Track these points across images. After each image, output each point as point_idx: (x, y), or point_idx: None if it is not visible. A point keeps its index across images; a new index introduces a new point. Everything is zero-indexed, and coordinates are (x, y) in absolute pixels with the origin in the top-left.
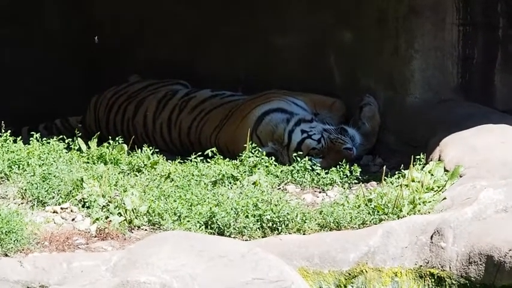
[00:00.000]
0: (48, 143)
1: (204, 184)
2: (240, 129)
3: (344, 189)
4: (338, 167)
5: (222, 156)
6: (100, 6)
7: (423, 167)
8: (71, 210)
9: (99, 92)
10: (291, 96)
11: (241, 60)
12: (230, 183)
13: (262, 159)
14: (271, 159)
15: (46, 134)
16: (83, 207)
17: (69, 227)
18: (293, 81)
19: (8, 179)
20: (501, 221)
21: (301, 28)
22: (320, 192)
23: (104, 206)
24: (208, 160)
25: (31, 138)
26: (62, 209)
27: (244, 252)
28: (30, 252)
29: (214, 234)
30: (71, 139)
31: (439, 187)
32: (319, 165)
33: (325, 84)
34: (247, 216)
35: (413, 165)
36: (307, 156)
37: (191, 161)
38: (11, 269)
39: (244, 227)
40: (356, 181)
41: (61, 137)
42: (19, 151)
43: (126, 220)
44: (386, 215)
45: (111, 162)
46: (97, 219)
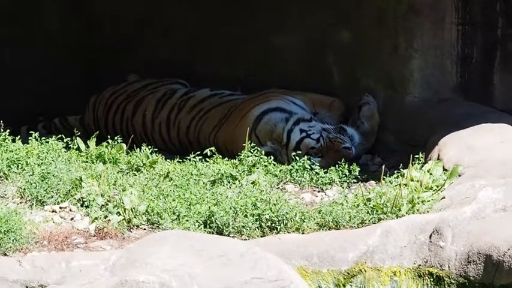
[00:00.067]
0: (47, 142)
1: (203, 183)
2: (239, 129)
3: (343, 188)
4: (337, 166)
5: (220, 156)
6: (100, 6)
7: (422, 166)
8: (70, 210)
9: (99, 92)
10: (290, 95)
11: (241, 60)
12: (229, 182)
13: (261, 158)
14: (270, 158)
15: (45, 133)
16: (82, 206)
17: (68, 227)
18: (292, 80)
19: (6, 178)
20: (500, 220)
21: (300, 28)
22: (319, 191)
23: (103, 205)
24: (207, 159)
25: (30, 138)
26: (60, 208)
27: (243, 251)
28: (29, 252)
29: (213, 233)
30: (69, 138)
31: (438, 186)
32: (318, 164)
33: (325, 84)
34: (246, 216)
35: (412, 164)
36: (306, 156)
37: (190, 160)
38: (10, 268)
39: (243, 227)
40: (355, 180)
41: (60, 136)
42: (18, 150)
43: (125, 219)
44: (385, 214)
45: (110, 162)
46: (96, 219)
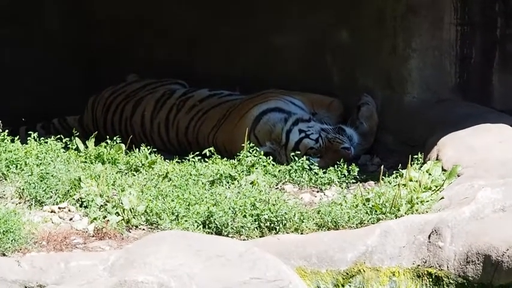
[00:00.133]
0: (46, 142)
1: (202, 184)
2: (238, 129)
3: (342, 188)
4: (336, 166)
5: (219, 156)
6: (100, 6)
7: (421, 167)
8: (69, 210)
9: (99, 92)
10: (289, 95)
11: (241, 60)
12: (228, 182)
13: (260, 158)
14: (269, 158)
15: (44, 133)
16: (81, 206)
17: (67, 227)
18: (292, 80)
19: (5, 179)
20: (499, 220)
21: (300, 28)
22: (318, 191)
23: (102, 205)
24: (206, 160)
25: (29, 138)
26: (59, 208)
27: (241, 251)
28: (27, 252)
29: (212, 233)
30: (68, 139)
31: (436, 186)
32: (317, 164)
33: (324, 84)
34: (245, 216)
35: (411, 164)
36: (305, 156)
37: (189, 160)
38: (9, 268)
39: (242, 227)
40: (354, 181)
41: (59, 136)
42: (17, 151)
43: (123, 220)
44: (384, 214)
45: (109, 162)
46: (95, 219)
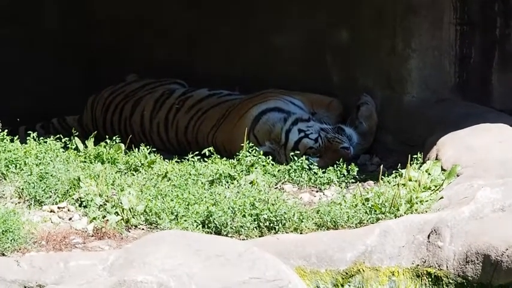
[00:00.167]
0: (45, 142)
1: (201, 183)
2: (237, 129)
3: (341, 188)
4: (335, 166)
5: (219, 156)
6: (100, 6)
7: (420, 166)
8: (68, 210)
9: (99, 91)
10: (288, 95)
11: (241, 60)
12: (227, 182)
13: (260, 158)
14: (269, 158)
15: (43, 133)
16: (80, 206)
17: (66, 226)
18: (292, 80)
19: (5, 178)
20: (498, 220)
21: (300, 28)
22: (317, 191)
23: (101, 205)
24: (206, 159)
25: (28, 138)
26: (59, 208)
27: (241, 251)
28: (27, 252)
29: (211, 233)
30: (68, 138)
31: (436, 186)
32: (317, 164)
33: (323, 84)
34: (244, 216)
35: (410, 164)
36: (304, 156)
37: (188, 160)
38: (8, 268)
39: (241, 227)
40: (353, 180)
41: (58, 136)
42: (16, 150)
43: (123, 219)
44: (383, 214)
45: (108, 162)
46: (94, 219)
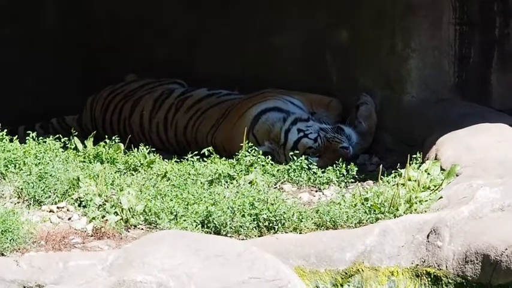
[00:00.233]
0: (45, 142)
1: (201, 183)
2: (237, 128)
3: (340, 188)
4: (334, 166)
5: (218, 155)
6: (100, 6)
7: (420, 166)
8: (67, 210)
9: (99, 91)
10: (288, 95)
11: (241, 60)
12: (226, 182)
13: (259, 158)
14: (268, 158)
15: (42, 133)
16: (79, 206)
17: (66, 226)
18: (291, 80)
19: (4, 178)
20: (497, 219)
21: (299, 28)
22: (316, 191)
23: (100, 205)
24: (205, 159)
25: (27, 138)
26: (58, 208)
27: (240, 251)
28: (26, 252)
29: (210, 233)
30: (67, 138)
31: (435, 186)
32: (316, 164)
33: (323, 84)
34: (244, 216)
35: (409, 164)
36: (303, 155)
37: (187, 160)
38: (7, 268)
39: (241, 226)
40: (352, 180)
41: (57, 136)
42: (15, 150)
43: (122, 219)
44: (382, 214)
45: (108, 162)
46: (93, 219)
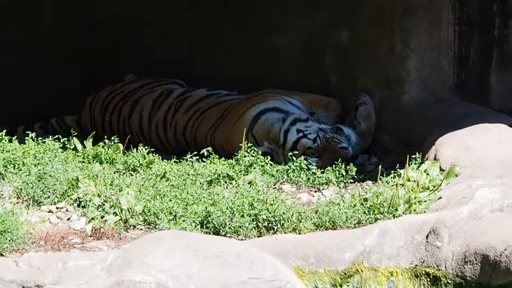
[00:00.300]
0: (44, 142)
1: (200, 183)
2: (236, 129)
3: (340, 188)
4: (334, 166)
5: (217, 156)
6: (100, 6)
7: (419, 167)
8: (67, 210)
9: (98, 91)
10: (287, 95)
11: (241, 60)
12: (226, 182)
13: (258, 158)
14: (267, 158)
15: (41, 133)
16: (79, 206)
17: (65, 227)
18: (291, 80)
19: (3, 179)
20: (497, 220)
21: (299, 28)
22: (316, 191)
23: (100, 205)
24: (204, 159)
25: (26, 138)
26: (57, 208)
27: (239, 251)
28: (25, 252)
29: (209, 233)
30: (66, 139)
31: (434, 186)
32: (315, 164)
33: (322, 84)
34: (243, 216)
35: (409, 164)
36: (302, 156)
37: (187, 160)
38: (6, 268)
39: (240, 227)
40: (352, 180)
41: (56, 136)
42: (14, 150)
43: (121, 219)
44: (381, 214)
45: (107, 162)
46: (92, 219)
